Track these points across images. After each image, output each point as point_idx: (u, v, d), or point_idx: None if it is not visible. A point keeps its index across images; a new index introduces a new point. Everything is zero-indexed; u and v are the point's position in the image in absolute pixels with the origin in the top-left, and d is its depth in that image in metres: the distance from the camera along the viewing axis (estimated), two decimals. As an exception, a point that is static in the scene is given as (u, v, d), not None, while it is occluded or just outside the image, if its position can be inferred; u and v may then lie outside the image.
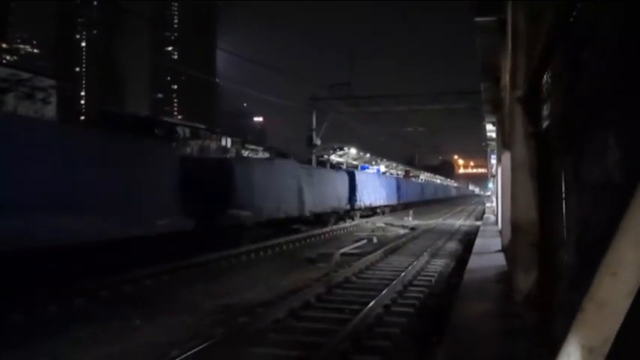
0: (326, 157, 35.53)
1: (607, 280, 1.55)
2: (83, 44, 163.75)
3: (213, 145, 18.22)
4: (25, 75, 12.89)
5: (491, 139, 24.55)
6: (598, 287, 1.57)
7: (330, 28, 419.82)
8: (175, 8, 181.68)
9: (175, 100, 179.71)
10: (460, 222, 32.33)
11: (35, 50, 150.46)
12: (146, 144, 14.45)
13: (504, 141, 9.84)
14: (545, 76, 4.40)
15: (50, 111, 13.03)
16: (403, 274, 11.70)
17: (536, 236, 4.95)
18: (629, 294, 1.51)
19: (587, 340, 1.57)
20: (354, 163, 41.20)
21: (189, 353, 6.23)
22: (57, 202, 9.74)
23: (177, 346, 6.60)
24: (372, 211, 37.84)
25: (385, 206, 41.46)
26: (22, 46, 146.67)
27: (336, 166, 36.10)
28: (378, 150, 49.31)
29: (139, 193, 12.27)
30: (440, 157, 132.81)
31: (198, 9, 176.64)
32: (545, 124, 4.53)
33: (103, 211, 10.90)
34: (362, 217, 34.32)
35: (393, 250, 17.01)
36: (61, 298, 9.28)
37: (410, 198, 51.44)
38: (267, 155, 23.14)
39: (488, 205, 46.71)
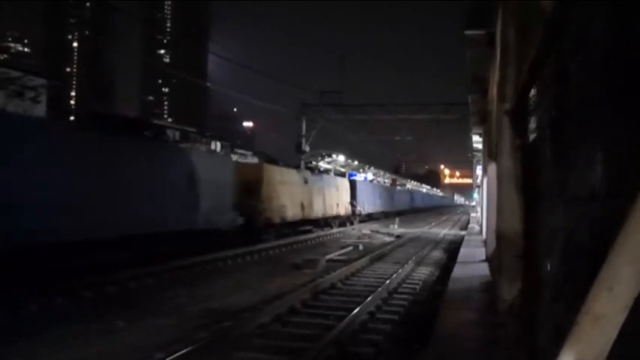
0: (314, 163, 35.54)
1: (603, 294, 1.55)
2: (75, 44, 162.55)
3: (202, 148, 18.23)
4: (15, 73, 12.79)
5: (478, 150, 24.74)
6: (593, 302, 1.57)
7: (323, 36, 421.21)
8: (168, 11, 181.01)
9: (166, 103, 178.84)
10: (445, 231, 32.46)
11: (26, 49, 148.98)
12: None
13: (491, 152, 9.94)
14: (533, 89, 4.47)
15: (40, 110, 12.95)
16: (388, 281, 11.74)
17: (520, 247, 5.00)
18: (625, 308, 1.52)
19: (582, 355, 1.57)
20: (342, 170, 41.23)
21: (172, 357, 6.20)
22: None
23: (161, 350, 6.57)
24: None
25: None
26: (12, 45, 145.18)
27: (323, 172, 36.15)
28: (366, 158, 49.41)
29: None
30: (426, 167, 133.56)
31: (191, 12, 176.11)
32: (532, 136, 4.60)
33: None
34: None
35: (379, 258, 17.05)
36: (43, 296, 9.21)
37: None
38: (256, 160, 23.46)
39: (473, 215, 46.99)
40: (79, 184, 11.08)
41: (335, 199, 31.39)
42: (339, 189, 32.76)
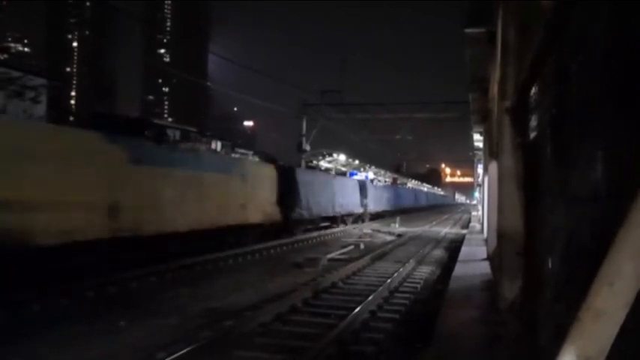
0: (315, 162, 35.58)
1: (604, 290, 1.55)
2: (75, 44, 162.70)
3: (203, 147, 18.20)
4: (16, 73, 12.80)
5: (478, 149, 24.72)
6: (595, 297, 1.57)
7: (323, 36, 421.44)
8: (168, 11, 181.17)
9: (166, 103, 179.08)
10: (446, 230, 32.45)
11: (26, 49, 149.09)
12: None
13: (491, 151, 9.94)
14: (533, 88, 4.47)
15: (40, 110, 12.99)
16: (389, 280, 11.75)
17: (521, 245, 5.01)
18: (626, 304, 1.52)
19: (583, 351, 1.56)
20: (343, 169, 41.26)
21: (174, 356, 6.21)
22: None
23: (162, 350, 6.58)
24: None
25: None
26: (12, 45, 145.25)
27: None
28: (367, 157, 49.36)
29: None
30: (427, 166, 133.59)
31: (191, 12, 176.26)
32: (533, 134, 4.60)
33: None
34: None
35: (380, 257, 17.05)
36: (45, 297, 9.21)
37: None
38: (256, 159, 23.20)
39: (474, 213, 47.01)
40: None
41: (237, 196, 17.95)
42: (247, 180, 18.82)
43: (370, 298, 9.70)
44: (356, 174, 44.53)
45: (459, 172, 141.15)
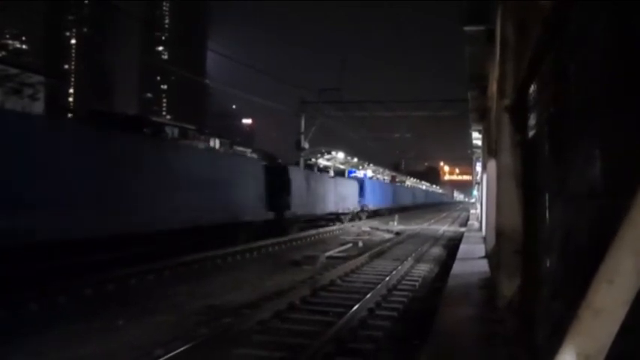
0: (314, 160, 35.55)
1: (603, 287, 1.54)
2: (73, 42, 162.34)
3: (201, 145, 18.17)
4: (14, 71, 12.77)
5: (477, 147, 24.73)
6: (594, 295, 1.56)
7: (323, 36, 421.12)
8: (166, 9, 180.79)
9: (164, 100, 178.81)
10: (445, 228, 32.46)
11: (24, 46, 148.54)
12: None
13: (490, 149, 9.94)
14: (532, 86, 4.47)
15: (38, 107, 12.97)
16: (388, 278, 11.75)
17: (519, 243, 5.01)
18: (626, 302, 1.51)
19: (583, 349, 1.56)
20: (342, 167, 41.22)
21: (172, 354, 6.21)
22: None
23: (161, 347, 6.58)
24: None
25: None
26: (10, 42, 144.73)
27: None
28: (366, 155, 49.25)
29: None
30: (426, 164, 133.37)
31: (190, 10, 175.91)
32: (532, 133, 4.60)
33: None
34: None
35: (378, 254, 17.05)
36: (44, 295, 9.20)
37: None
38: (255, 156, 23.16)
39: (472, 211, 47.01)
40: None
41: None
42: None
43: (368, 295, 9.70)
44: (354, 172, 44.47)
45: (457, 171, 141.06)
